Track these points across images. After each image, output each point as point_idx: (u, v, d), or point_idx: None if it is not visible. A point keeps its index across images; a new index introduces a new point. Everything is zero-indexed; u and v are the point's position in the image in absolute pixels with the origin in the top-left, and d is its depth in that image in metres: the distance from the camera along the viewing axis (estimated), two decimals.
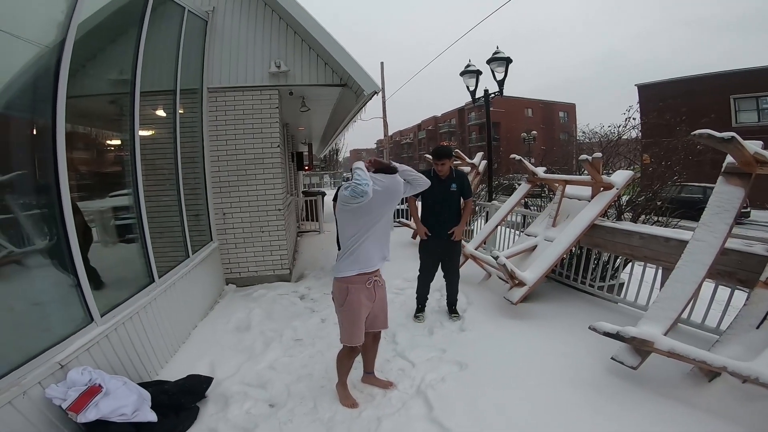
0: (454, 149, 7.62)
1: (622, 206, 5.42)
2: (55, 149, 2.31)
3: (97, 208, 3.22)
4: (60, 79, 2.34)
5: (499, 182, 10.20)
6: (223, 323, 4.05)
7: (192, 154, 4.84)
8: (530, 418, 2.46)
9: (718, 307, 3.29)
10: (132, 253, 3.31)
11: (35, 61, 2.36)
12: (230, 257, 5.37)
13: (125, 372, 2.69)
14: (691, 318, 3.36)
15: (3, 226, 2.32)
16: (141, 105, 3.34)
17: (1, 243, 2.30)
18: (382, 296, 2.67)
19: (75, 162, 2.85)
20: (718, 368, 2.35)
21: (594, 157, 4.12)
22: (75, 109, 2.74)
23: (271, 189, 5.37)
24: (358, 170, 2.25)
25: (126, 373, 2.67)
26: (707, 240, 2.93)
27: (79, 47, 2.50)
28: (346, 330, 2.59)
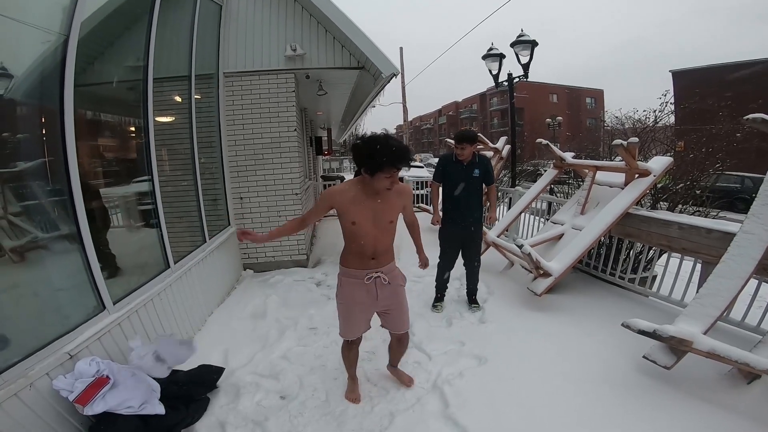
0: (477, 134, 7.40)
1: (658, 194, 5.13)
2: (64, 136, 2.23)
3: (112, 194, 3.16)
4: (67, 67, 2.25)
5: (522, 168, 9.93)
6: (240, 310, 4.00)
7: (209, 139, 4.80)
8: (553, 419, 2.31)
9: (758, 304, 3.05)
10: (147, 239, 3.27)
11: (43, 48, 2.28)
12: (248, 242, 5.26)
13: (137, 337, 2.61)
14: (730, 316, 3.11)
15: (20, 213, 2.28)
16: (156, 91, 3.27)
17: (25, 228, 2.25)
18: (390, 295, 2.32)
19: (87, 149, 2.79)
20: (761, 371, 2.18)
21: (630, 142, 3.89)
22: (86, 96, 2.67)
23: (288, 173, 5.31)
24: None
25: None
26: (757, 233, 2.68)
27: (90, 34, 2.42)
28: (340, 322, 2.45)
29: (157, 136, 3.32)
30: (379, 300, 2.31)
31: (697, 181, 5.28)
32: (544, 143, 5.11)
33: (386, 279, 2.27)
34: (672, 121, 8.78)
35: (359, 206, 2.08)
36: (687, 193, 5.15)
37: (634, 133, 7.14)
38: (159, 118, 3.57)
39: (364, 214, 2.09)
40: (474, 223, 3.82)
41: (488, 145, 6.95)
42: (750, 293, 3.00)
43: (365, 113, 8.87)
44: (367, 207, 2.09)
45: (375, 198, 2.08)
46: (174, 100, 4.07)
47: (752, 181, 13.55)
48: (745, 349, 2.35)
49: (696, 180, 5.27)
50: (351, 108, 8.98)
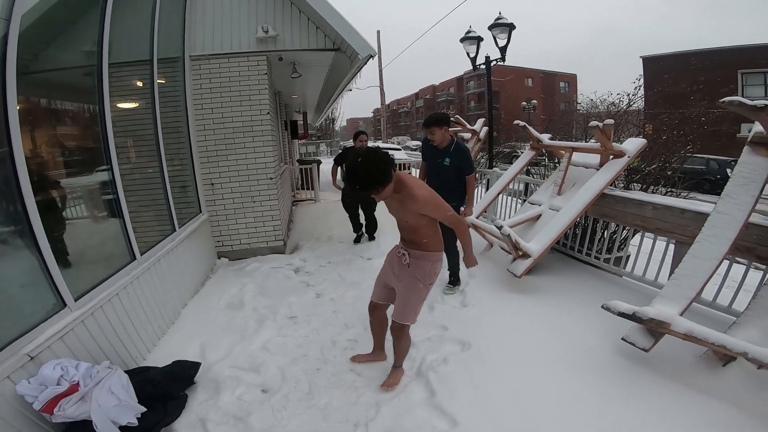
0: (454, 116, 7.37)
1: (631, 176, 5.24)
2: (8, 125, 2.01)
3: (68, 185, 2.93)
4: (8, 51, 2.02)
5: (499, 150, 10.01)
6: (215, 300, 3.87)
7: (175, 125, 4.59)
8: (537, 403, 2.32)
9: (728, 284, 3.12)
10: (109, 230, 3.07)
11: None
12: (221, 229, 5.20)
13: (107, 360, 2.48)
14: (702, 296, 3.14)
15: None
16: (114, 77, 3.06)
17: None
18: (402, 277, 2.42)
19: (36, 138, 2.58)
20: (738, 353, 2.20)
21: (605, 123, 3.92)
22: (36, 83, 2.49)
23: (261, 157, 5.15)
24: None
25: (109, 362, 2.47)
26: (731, 213, 2.72)
27: (39, 19, 2.24)
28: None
29: (118, 124, 3.12)
30: (394, 273, 2.49)
31: (669, 162, 5.40)
32: (521, 125, 5.11)
33: (407, 261, 2.39)
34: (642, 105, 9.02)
35: (387, 201, 2.33)
36: (659, 174, 5.26)
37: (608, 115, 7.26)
38: (119, 104, 3.37)
39: (390, 207, 2.39)
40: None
41: (466, 127, 6.94)
42: (721, 274, 3.06)
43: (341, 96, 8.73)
44: (391, 204, 2.37)
45: (391, 199, 2.30)
46: (134, 86, 3.84)
47: (717, 163, 14.25)
48: (719, 331, 2.37)
49: (667, 161, 5.39)
50: (327, 91, 8.81)
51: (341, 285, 4.24)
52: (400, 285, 2.43)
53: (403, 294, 2.43)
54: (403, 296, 2.43)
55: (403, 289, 2.43)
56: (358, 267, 4.79)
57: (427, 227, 2.33)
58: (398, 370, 2.60)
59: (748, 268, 3.02)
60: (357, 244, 5.71)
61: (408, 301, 2.42)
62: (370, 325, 2.78)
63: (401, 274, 2.42)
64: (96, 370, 2.20)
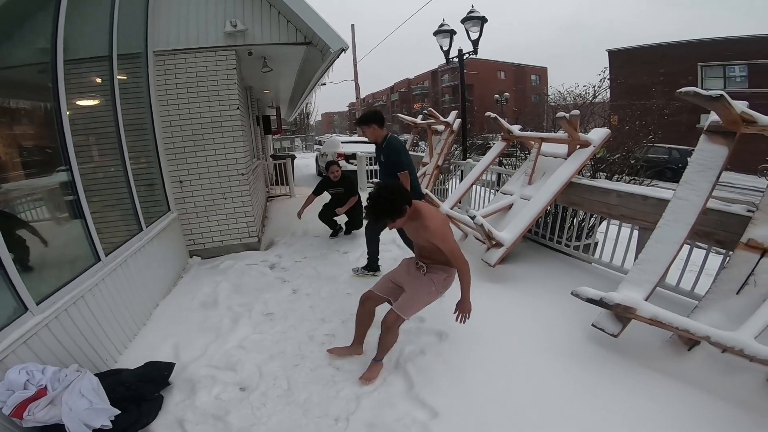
0: (427, 108, 7.43)
1: (597, 165, 5.39)
2: None
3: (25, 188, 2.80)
4: None
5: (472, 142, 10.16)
6: (188, 300, 3.80)
7: (139, 122, 4.45)
8: (514, 390, 2.37)
9: (690, 268, 3.26)
10: (71, 232, 2.95)
11: None
12: (192, 227, 5.08)
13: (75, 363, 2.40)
14: (666, 281, 3.27)
15: None
16: (72, 74, 2.95)
17: None
18: (416, 277, 2.64)
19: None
20: (701, 337, 2.28)
21: (572, 114, 4.01)
22: None
23: (232, 153, 5.05)
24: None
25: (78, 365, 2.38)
26: (690, 199, 2.83)
27: None
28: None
29: (76, 122, 3.01)
30: (409, 274, 2.68)
31: (632, 151, 5.58)
32: (492, 116, 5.16)
33: (425, 271, 2.64)
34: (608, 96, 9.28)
35: (406, 225, 2.56)
36: (623, 163, 5.44)
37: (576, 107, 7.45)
38: (77, 102, 3.25)
39: (408, 230, 2.63)
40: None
41: (439, 119, 6.96)
42: (683, 258, 3.19)
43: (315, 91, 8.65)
44: (408, 229, 2.61)
45: (408, 225, 2.57)
46: (93, 83, 3.69)
47: (678, 152, 14.90)
48: (683, 315, 2.43)
49: (630, 151, 5.57)
50: (300, 85, 8.72)
51: (317, 280, 4.23)
52: (414, 282, 2.61)
53: (414, 290, 2.58)
54: (412, 291, 2.58)
55: (415, 287, 2.59)
56: (334, 261, 4.77)
57: (440, 250, 2.52)
58: (377, 364, 2.61)
59: (708, 252, 3.14)
60: (333, 238, 5.71)
61: (415, 297, 2.57)
62: (356, 316, 2.79)
63: (417, 274, 2.65)
64: (64, 373, 2.14)
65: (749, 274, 2.49)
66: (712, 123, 2.88)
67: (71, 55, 2.95)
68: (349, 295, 3.80)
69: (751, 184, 12.20)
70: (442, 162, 6.74)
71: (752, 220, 2.63)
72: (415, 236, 2.62)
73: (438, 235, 2.43)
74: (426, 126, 7.45)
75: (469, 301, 2.60)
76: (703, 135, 2.92)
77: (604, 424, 2.11)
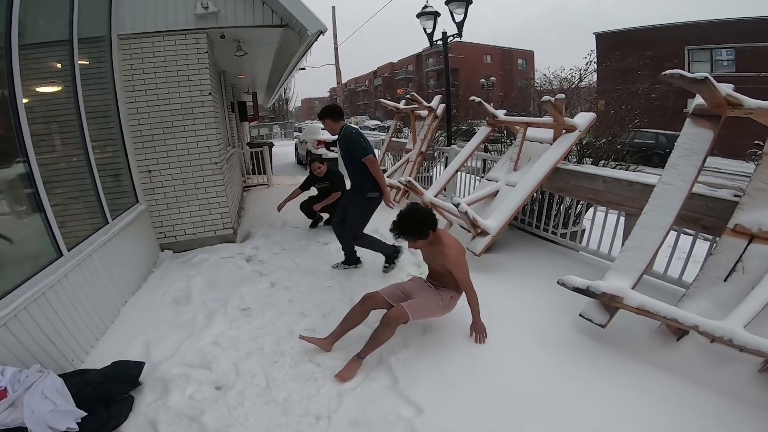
0: (410, 93, 7.39)
1: (583, 150, 5.43)
2: None
3: None
4: None
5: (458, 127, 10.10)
6: (159, 296, 3.74)
7: (103, 109, 4.35)
8: (499, 384, 2.40)
9: (678, 255, 3.31)
10: (31, 226, 2.85)
11: None
12: (162, 220, 4.99)
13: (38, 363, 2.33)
14: (653, 268, 3.34)
15: None
16: (27, 59, 2.87)
17: None
18: (428, 291, 2.87)
19: None
20: (689, 327, 2.30)
21: (557, 98, 4.03)
22: None
23: (204, 141, 4.97)
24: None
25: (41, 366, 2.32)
26: (675, 183, 2.87)
27: None
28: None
29: (34, 111, 2.95)
30: (417, 286, 2.93)
31: (618, 136, 5.64)
32: (477, 101, 5.16)
33: (432, 287, 2.91)
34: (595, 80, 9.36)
35: (423, 250, 2.89)
36: (609, 148, 5.48)
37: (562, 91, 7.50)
38: (35, 89, 3.16)
39: (424, 254, 2.96)
40: (352, 193, 4.05)
41: (422, 104, 6.92)
42: (670, 245, 3.25)
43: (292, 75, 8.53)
44: (426, 253, 2.93)
45: (426, 250, 2.87)
46: (52, 68, 3.58)
47: (665, 138, 15.06)
48: (671, 303, 2.46)
49: (617, 135, 5.63)
50: (277, 70, 8.59)
51: (296, 272, 4.20)
52: (425, 292, 2.86)
53: (425, 298, 2.79)
54: (423, 298, 2.78)
55: (426, 295, 2.81)
56: (314, 253, 4.75)
57: (452, 277, 2.74)
58: (357, 362, 2.61)
59: (695, 238, 3.19)
60: (313, 229, 5.69)
61: (425, 304, 2.75)
62: (348, 312, 2.84)
63: (428, 288, 2.91)
64: (25, 374, 2.09)
65: (737, 261, 2.53)
66: (697, 106, 2.91)
67: (28, 40, 2.87)
68: (330, 288, 3.79)
69: (739, 169, 12.44)
70: (426, 148, 6.73)
71: (739, 205, 2.67)
72: (432, 260, 2.87)
73: (454, 263, 2.65)
74: (409, 111, 7.41)
75: (481, 322, 2.81)
76: (688, 119, 2.95)
77: (592, 417, 2.14)
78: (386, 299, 2.81)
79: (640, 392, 2.27)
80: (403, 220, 2.63)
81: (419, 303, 2.71)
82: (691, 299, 2.58)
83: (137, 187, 4.76)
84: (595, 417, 2.15)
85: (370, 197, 3.90)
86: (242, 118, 11.92)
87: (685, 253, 3.23)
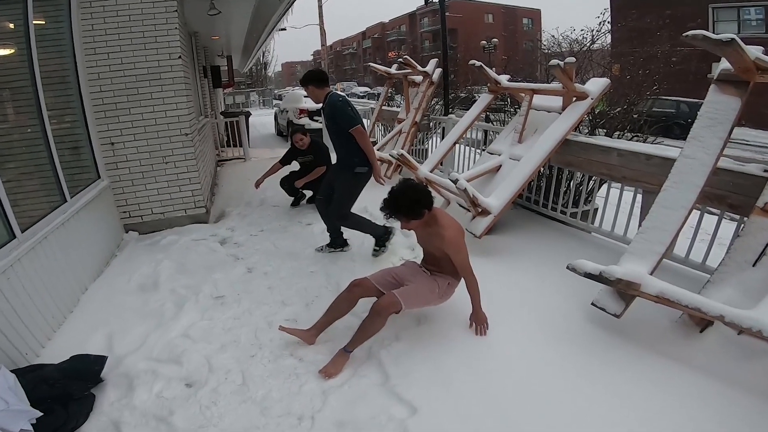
0: (403, 56, 7.28)
1: (596, 120, 5.41)
2: None
3: None
4: None
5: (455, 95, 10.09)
6: (123, 282, 3.70)
7: (61, 74, 4.26)
8: (501, 382, 2.37)
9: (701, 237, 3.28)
10: None
11: None
12: (127, 197, 4.95)
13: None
14: (674, 251, 3.30)
15: None
16: None
17: None
18: (421, 276, 2.83)
19: None
20: (713, 317, 2.26)
21: (566, 62, 3.99)
22: None
23: (173, 110, 4.89)
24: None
25: None
26: (698, 157, 2.82)
27: None
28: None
29: None
30: (411, 272, 2.88)
31: (634, 105, 5.61)
32: (477, 65, 5.14)
33: (428, 273, 2.88)
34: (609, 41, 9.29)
35: (418, 231, 2.87)
36: (624, 117, 5.46)
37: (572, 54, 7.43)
38: None
39: (419, 237, 2.95)
40: (338, 167, 4.02)
41: (417, 69, 6.85)
42: (693, 226, 3.20)
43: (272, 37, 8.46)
44: (420, 235, 2.91)
45: (421, 231, 2.84)
46: (4, 29, 3.52)
47: (687, 106, 14.86)
48: (694, 291, 2.42)
49: (633, 104, 5.60)
50: (254, 30, 8.57)
51: (276, 256, 4.18)
52: (419, 278, 2.82)
53: (419, 285, 2.76)
54: (417, 285, 2.75)
55: (420, 282, 2.78)
56: (296, 234, 4.73)
57: (449, 261, 2.71)
58: (344, 356, 2.58)
59: (720, 218, 3.15)
60: (294, 208, 5.66)
61: (420, 291, 2.72)
62: (334, 300, 2.82)
63: (423, 274, 2.87)
64: None
65: (767, 244, 2.50)
66: (723, 71, 2.87)
67: None
68: (313, 274, 3.77)
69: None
70: (421, 118, 6.70)
71: None
72: (427, 243, 2.86)
73: (452, 246, 2.64)
74: (402, 77, 7.34)
75: (482, 312, 2.79)
76: (713, 85, 2.92)
77: (604, 418, 2.12)
78: (376, 286, 2.78)
79: (658, 390, 2.25)
80: (395, 197, 2.58)
81: (413, 290, 2.68)
82: (717, 286, 2.55)
83: (99, 161, 4.69)
84: (608, 417, 2.13)
85: (358, 172, 3.84)
86: (216, 84, 11.94)
87: (709, 234, 3.20)
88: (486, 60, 10.77)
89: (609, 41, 9.35)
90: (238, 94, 27.04)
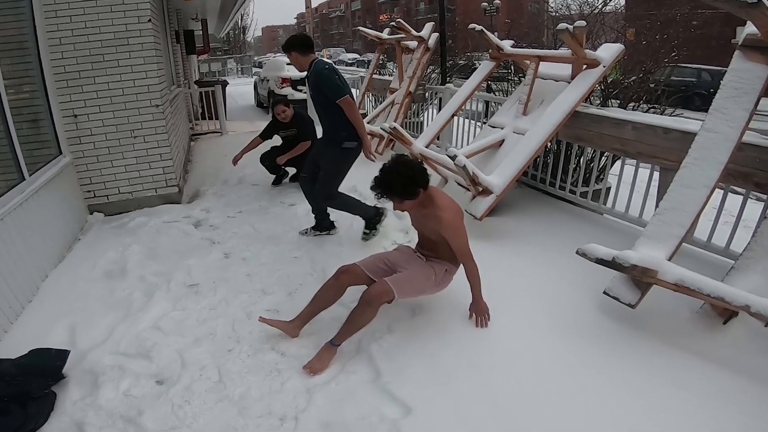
0: (396, 19, 7.20)
1: (609, 90, 5.38)
2: None
3: None
4: None
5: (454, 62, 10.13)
6: (87, 269, 3.69)
7: (18, 39, 4.25)
8: (504, 380, 2.36)
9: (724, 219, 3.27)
10: None
11: None
12: (91, 175, 4.93)
13: None
14: (695, 235, 3.29)
15: None
16: None
17: None
18: (416, 263, 2.81)
19: None
20: (738, 307, 2.25)
21: (576, 26, 3.96)
22: None
23: (142, 79, 4.87)
24: None
25: None
26: (721, 131, 2.80)
27: None
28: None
29: None
30: (404, 258, 2.88)
31: (651, 73, 5.60)
32: (477, 29, 5.08)
33: (423, 258, 2.87)
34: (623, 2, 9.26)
35: (412, 213, 2.89)
36: (640, 87, 5.44)
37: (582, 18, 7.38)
38: None
39: (414, 219, 2.96)
40: (324, 142, 4.04)
41: (411, 34, 6.81)
42: (715, 206, 3.20)
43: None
44: (415, 217, 2.92)
45: (416, 212, 2.84)
46: None
47: (710, 75, 14.66)
48: (716, 278, 2.42)
49: (649, 72, 5.58)
50: None
51: (256, 240, 4.19)
52: (414, 264, 2.81)
53: (414, 271, 2.74)
54: (411, 272, 2.74)
55: (415, 268, 2.77)
56: (277, 216, 4.74)
57: (447, 245, 2.69)
58: (330, 350, 2.56)
59: (745, 198, 3.15)
60: (276, 187, 5.67)
61: (414, 279, 2.70)
62: (320, 288, 2.80)
63: (417, 259, 2.86)
64: None
65: None
66: (749, 36, 2.84)
67: None
68: (297, 260, 3.78)
69: None
70: (416, 88, 6.68)
71: None
72: (422, 225, 2.85)
73: (450, 229, 2.62)
74: (394, 42, 7.30)
75: (483, 301, 2.79)
76: (737, 51, 2.90)
77: (618, 417, 2.12)
78: (366, 273, 2.76)
79: (677, 387, 2.25)
80: (387, 175, 2.55)
81: (407, 278, 2.66)
82: (741, 272, 2.55)
83: (60, 135, 4.67)
84: (622, 417, 2.12)
85: (346, 148, 3.82)
86: (189, 50, 11.95)
87: (734, 216, 3.21)
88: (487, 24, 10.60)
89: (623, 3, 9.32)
90: (214, 61, 27.04)
